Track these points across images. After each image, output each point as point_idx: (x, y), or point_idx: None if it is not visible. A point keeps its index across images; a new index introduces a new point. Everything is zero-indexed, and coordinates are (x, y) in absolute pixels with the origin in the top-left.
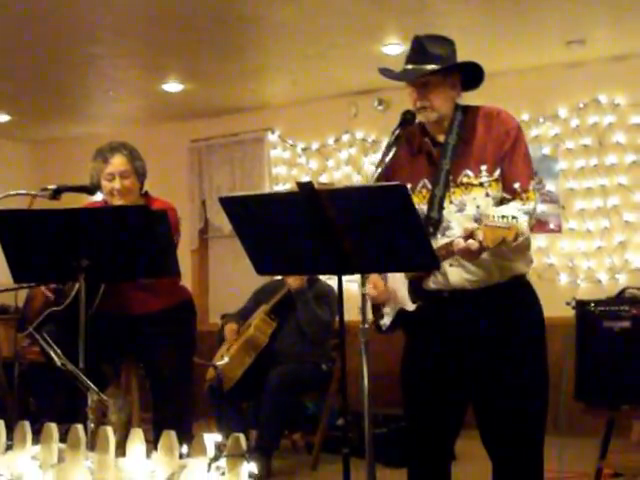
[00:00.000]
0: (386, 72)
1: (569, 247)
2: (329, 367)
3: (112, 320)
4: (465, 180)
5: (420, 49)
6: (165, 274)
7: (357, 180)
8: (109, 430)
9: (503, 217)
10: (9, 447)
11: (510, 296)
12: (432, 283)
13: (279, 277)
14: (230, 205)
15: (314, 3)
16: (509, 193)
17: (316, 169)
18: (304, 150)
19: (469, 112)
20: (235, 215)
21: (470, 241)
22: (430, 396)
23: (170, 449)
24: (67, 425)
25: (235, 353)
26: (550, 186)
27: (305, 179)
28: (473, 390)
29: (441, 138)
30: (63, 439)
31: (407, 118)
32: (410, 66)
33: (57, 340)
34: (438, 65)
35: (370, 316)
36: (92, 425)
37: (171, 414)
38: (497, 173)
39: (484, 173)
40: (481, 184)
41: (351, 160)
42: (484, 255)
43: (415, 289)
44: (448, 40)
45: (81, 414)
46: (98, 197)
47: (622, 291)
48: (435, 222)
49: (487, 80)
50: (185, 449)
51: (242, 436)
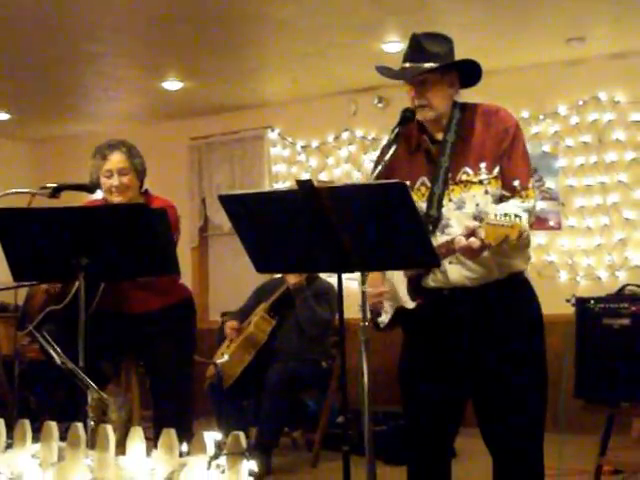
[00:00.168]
0: (384, 70)
1: (569, 244)
2: (329, 365)
3: (112, 318)
4: (464, 178)
5: (418, 47)
6: (165, 272)
7: (357, 178)
8: (109, 428)
9: (505, 215)
10: (9, 445)
11: (509, 293)
12: (431, 281)
13: (279, 275)
14: (230, 203)
15: (314, 1)
16: (508, 191)
17: (316, 167)
18: (304, 148)
19: (467, 110)
20: (235, 213)
21: (472, 239)
22: (429, 393)
23: (170, 447)
24: (67, 423)
25: (235, 351)
26: (550, 183)
27: (305, 177)
28: (473, 386)
29: (439, 136)
30: (63, 437)
31: (407, 116)
32: (408, 64)
33: (57, 338)
34: (436, 63)
35: (368, 314)
36: (92, 423)
37: (171, 412)
38: (496, 170)
39: (483, 171)
40: (480, 182)
41: (351, 158)
42: (484, 253)
43: (414, 287)
44: (446, 38)
45: (81, 412)
46: (98, 195)
47: (622, 288)
48: (434, 220)
49: (487, 78)
50: (185, 447)
51: (242, 434)
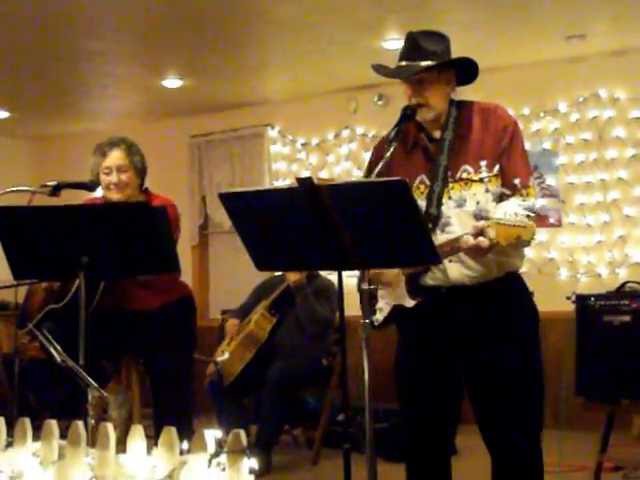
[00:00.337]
0: (380, 69)
1: (569, 241)
2: (329, 362)
3: (112, 316)
4: (465, 175)
5: (414, 45)
6: (165, 270)
7: (357, 175)
8: (109, 426)
9: (516, 215)
10: (9, 444)
11: (507, 291)
12: (430, 279)
13: (279, 273)
14: (230, 201)
15: None
16: (509, 189)
17: (316, 164)
18: (304, 145)
19: (464, 107)
20: (235, 211)
21: (480, 239)
22: (426, 391)
23: (170, 445)
24: (67, 421)
25: (235, 348)
26: (550, 180)
27: (305, 175)
28: (470, 384)
29: (437, 134)
30: (63, 435)
31: (407, 114)
32: (404, 63)
33: (57, 337)
34: (432, 61)
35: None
36: (92, 421)
37: (171, 410)
38: (496, 169)
39: (484, 169)
40: (481, 180)
41: (351, 155)
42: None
43: (413, 285)
44: (442, 36)
45: (81, 410)
46: (98, 193)
47: (622, 285)
48: (434, 218)
49: (487, 75)
50: (186, 445)
51: (242, 432)
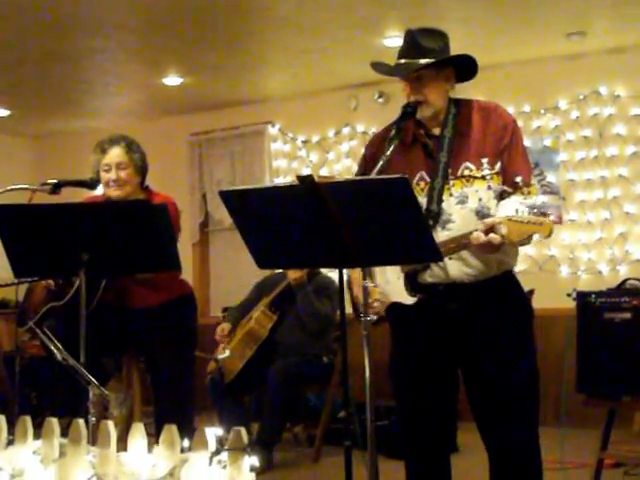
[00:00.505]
0: (379, 66)
1: (570, 238)
2: (330, 359)
3: (113, 314)
4: (467, 173)
5: (413, 43)
6: (166, 268)
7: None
8: (110, 424)
9: (530, 213)
10: (10, 442)
11: (503, 289)
12: (429, 277)
13: (280, 270)
14: (230, 199)
15: None
16: (510, 187)
17: (316, 162)
18: (304, 143)
19: (462, 105)
20: (235, 209)
21: (492, 235)
22: (423, 388)
23: (171, 443)
24: (68, 419)
25: (236, 346)
26: (551, 177)
27: (306, 172)
28: (467, 381)
29: (436, 131)
30: (64, 434)
31: (408, 111)
32: (403, 60)
33: (58, 334)
34: (431, 59)
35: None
36: (93, 419)
37: (172, 408)
38: (498, 166)
39: (486, 166)
40: (483, 177)
41: (351, 153)
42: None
43: (411, 283)
44: (441, 33)
45: (82, 408)
46: (99, 191)
47: (623, 282)
48: (435, 215)
49: (488, 72)
50: (186, 443)
51: (243, 430)
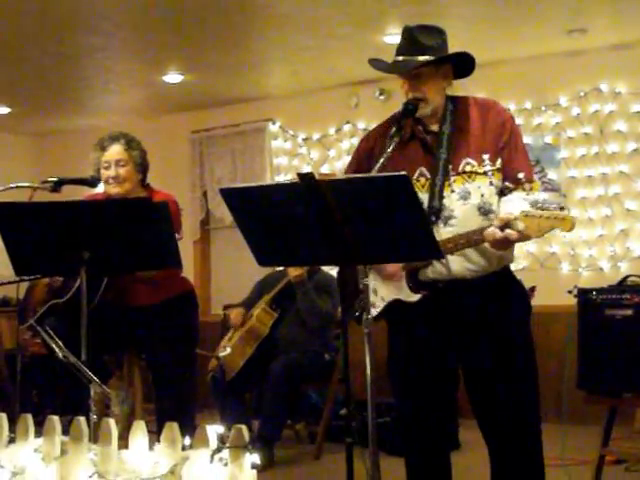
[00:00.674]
0: (377, 64)
1: (571, 235)
2: (331, 357)
3: (114, 312)
4: (468, 169)
5: (411, 39)
6: (167, 266)
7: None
8: (112, 422)
9: (547, 208)
10: (12, 440)
11: (503, 285)
12: (431, 273)
13: (281, 268)
14: (231, 196)
15: None
16: (512, 183)
17: (317, 159)
18: (305, 140)
19: (459, 102)
20: (236, 206)
21: (508, 231)
22: (421, 387)
23: (173, 441)
24: (70, 417)
25: (237, 343)
26: (552, 174)
27: (306, 170)
28: (470, 378)
29: (434, 127)
30: (66, 431)
31: (409, 109)
32: (401, 57)
33: (59, 332)
34: (430, 56)
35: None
36: (95, 417)
37: (173, 405)
38: (498, 163)
39: (487, 162)
40: (485, 173)
41: (353, 150)
42: (489, 245)
43: (414, 279)
44: (439, 30)
45: (83, 406)
46: (100, 189)
47: (624, 279)
48: (436, 211)
49: (489, 69)
50: (188, 440)
51: (244, 427)
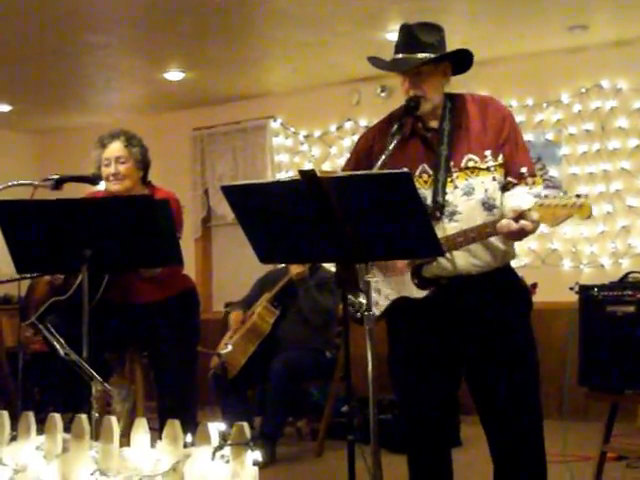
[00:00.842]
0: (377, 61)
1: (572, 232)
2: (333, 354)
3: (115, 309)
4: (471, 164)
5: (411, 37)
6: (168, 263)
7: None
8: (113, 420)
9: (562, 197)
10: (13, 437)
11: (505, 280)
12: (436, 269)
13: (282, 265)
14: (232, 194)
15: None
16: (515, 178)
17: (319, 156)
18: (306, 138)
19: (456, 99)
20: (237, 204)
21: (523, 222)
22: (425, 382)
23: (174, 438)
24: (71, 415)
25: (238, 341)
26: (553, 171)
27: (308, 167)
28: (471, 374)
29: (433, 124)
30: (67, 429)
31: (411, 106)
32: (400, 55)
33: (60, 330)
34: (430, 53)
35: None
36: (96, 415)
37: (175, 403)
38: (500, 158)
39: (489, 158)
40: (488, 168)
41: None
42: (495, 240)
43: (418, 276)
44: (437, 27)
45: (85, 404)
46: (101, 187)
47: (625, 276)
48: (440, 207)
49: (490, 66)
50: (189, 438)
51: (246, 424)
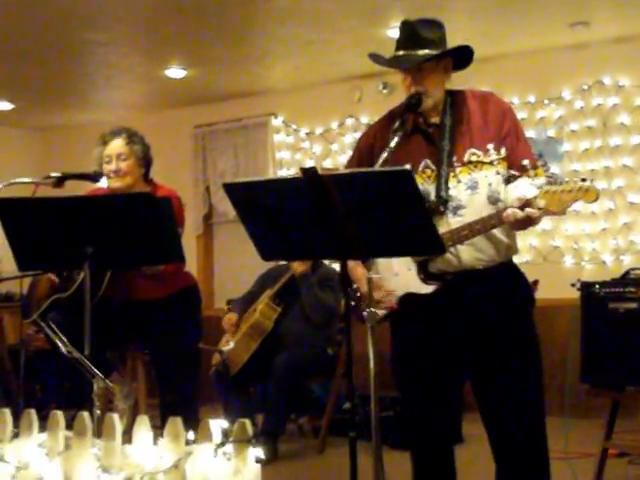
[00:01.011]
0: (378, 58)
1: (574, 229)
2: (335, 351)
3: (117, 307)
4: (474, 159)
5: (412, 34)
6: (170, 261)
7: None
8: (115, 417)
9: (567, 182)
10: (15, 435)
11: (508, 276)
12: (440, 264)
13: (283, 262)
14: (234, 191)
15: None
16: (517, 170)
17: (320, 154)
18: (308, 135)
19: (455, 95)
20: (239, 201)
21: (529, 210)
22: (430, 378)
23: (176, 435)
24: (73, 412)
25: (240, 338)
26: (554, 168)
27: (309, 164)
28: (475, 369)
29: (434, 119)
30: (69, 426)
31: (413, 103)
32: (402, 52)
33: (62, 327)
34: (431, 49)
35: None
36: (98, 412)
37: (177, 400)
38: (503, 151)
39: (492, 151)
40: (491, 162)
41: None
42: (499, 233)
43: (424, 272)
44: (438, 23)
45: (87, 401)
46: (102, 184)
47: (627, 272)
48: (444, 201)
49: (492, 63)
50: (191, 435)
51: (248, 421)
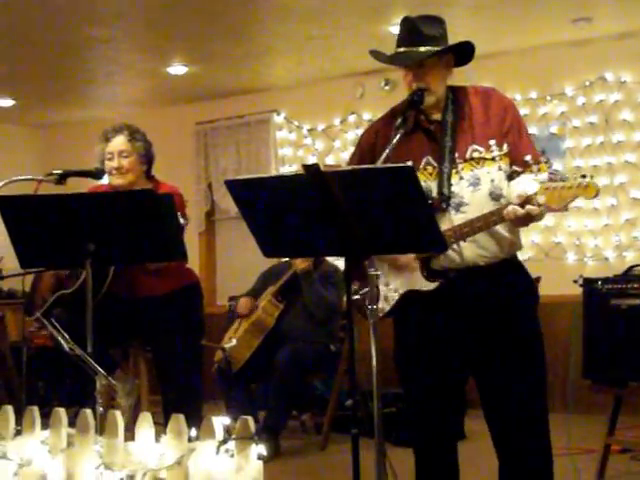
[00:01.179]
0: (379, 55)
1: (576, 225)
2: (337, 347)
3: (120, 304)
4: (476, 155)
5: (413, 30)
6: (172, 258)
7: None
8: (118, 414)
9: (562, 179)
10: (18, 432)
11: (512, 272)
12: (443, 261)
13: (286, 259)
14: (236, 188)
15: None
16: (520, 166)
17: (322, 150)
18: (310, 131)
19: (457, 91)
20: (241, 198)
21: (529, 207)
22: (432, 375)
23: (179, 432)
24: (76, 409)
25: (243, 335)
26: (557, 165)
27: (311, 160)
28: (478, 366)
29: (436, 116)
30: (72, 423)
31: (415, 99)
32: (403, 48)
33: (65, 324)
34: (433, 46)
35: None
36: (101, 409)
37: (179, 397)
38: (505, 147)
39: (494, 147)
40: (493, 158)
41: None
42: (501, 229)
43: (427, 269)
44: (439, 19)
45: (90, 398)
46: (104, 181)
47: (629, 269)
48: (447, 198)
49: (494, 59)
50: (194, 432)
51: (250, 418)
